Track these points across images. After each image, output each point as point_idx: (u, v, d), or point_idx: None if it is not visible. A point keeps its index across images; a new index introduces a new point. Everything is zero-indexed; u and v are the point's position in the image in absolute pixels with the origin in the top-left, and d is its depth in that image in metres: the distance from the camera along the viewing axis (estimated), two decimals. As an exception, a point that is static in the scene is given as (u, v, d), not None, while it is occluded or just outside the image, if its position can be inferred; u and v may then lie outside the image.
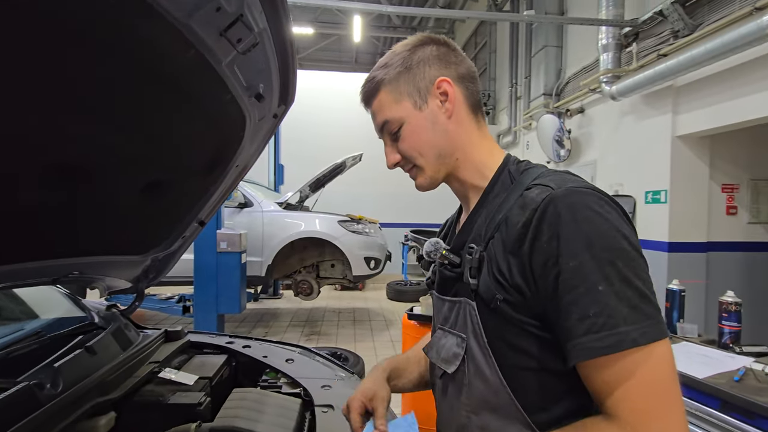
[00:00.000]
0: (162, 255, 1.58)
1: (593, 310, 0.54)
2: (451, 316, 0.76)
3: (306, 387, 1.36)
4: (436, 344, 0.81)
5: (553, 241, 0.58)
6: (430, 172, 0.77)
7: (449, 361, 0.74)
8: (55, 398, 0.93)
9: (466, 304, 0.70)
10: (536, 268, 0.60)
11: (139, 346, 1.36)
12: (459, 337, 0.73)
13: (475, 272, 0.68)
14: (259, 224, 4.77)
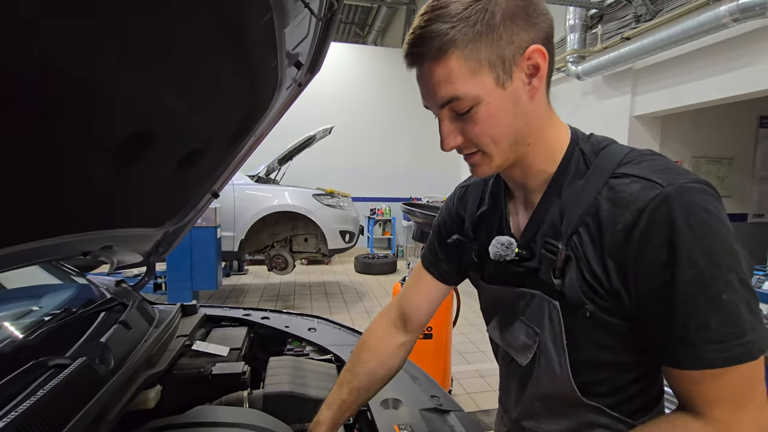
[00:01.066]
0: (173, 228, 1.53)
1: (715, 320, 0.51)
2: (520, 305, 0.72)
3: (336, 353, 1.41)
4: (500, 326, 0.80)
5: (665, 247, 0.53)
6: (498, 160, 0.64)
7: (519, 351, 0.74)
8: (114, 374, 0.91)
9: (543, 300, 0.66)
10: (641, 273, 0.55)
11: (165, 321, 1.33)
12: (531, 329, 0.70)
13: (559, 273, 0.62)
14: (230, 198, 4.60)
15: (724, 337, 0.51)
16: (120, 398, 0.89)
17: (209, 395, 1.14)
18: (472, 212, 0.82)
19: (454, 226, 0.87)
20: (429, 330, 2.60)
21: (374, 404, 1.09)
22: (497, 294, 0.79)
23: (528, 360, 0.72)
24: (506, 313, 0.78)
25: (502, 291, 0.77)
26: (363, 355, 0.92)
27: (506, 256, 0.68)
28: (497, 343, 0.83)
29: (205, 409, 0.99)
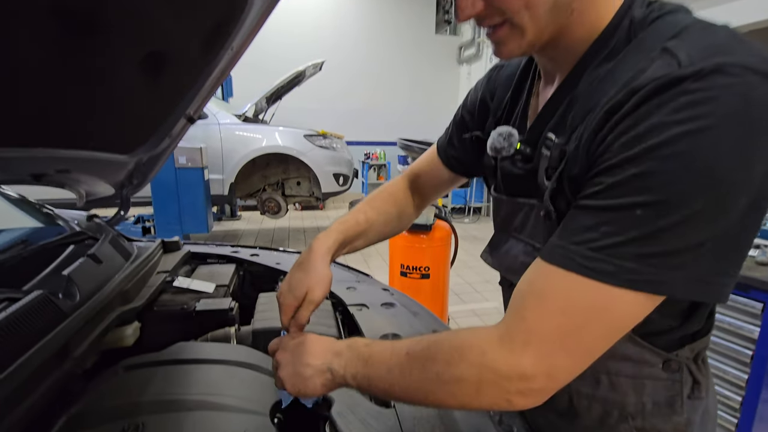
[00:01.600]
0: (147, 157, 1.37)
1: (609, 228, 0.43)
2: (517, 220, 0.66)
3: (331, 290, 1.32)
4: (497, 249, 0.73)
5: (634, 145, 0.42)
6: (531, 34, 0.51)
7: (519, 273, 0.62)
8: (79, 307, 0.81)
9: (542, 209, 0.57)
10: (599, 149, 0.46)
11: (142, 256, 1.22)
12: (529, 245, 0.63)
13: (551, 172, 0.53)
14: (217, 139, 4.36)
15: (600, 248, 0.43)
16: (88, 334, 0.80)
17: (194, 333, 1.06)
18: (500, 101, 0.70)
19: (478, 116, 0.76)
20: (426, 270, 2.55)
21: (372, 339, 1.01)
22: (496, 206, 0.72)
23: None
24: (501, 231, 0.72)
25: (499, 202, 0.70)
26: (383, 195, 0.87)
27: (502, 151, 0.61)
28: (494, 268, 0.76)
29: (187, 345, 0.91)
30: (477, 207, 7.18)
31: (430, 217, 2.57)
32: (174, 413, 0.68)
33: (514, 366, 0.45)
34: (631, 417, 0.58)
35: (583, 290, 0.43)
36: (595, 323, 0.44)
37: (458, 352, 0.48)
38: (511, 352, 0.45)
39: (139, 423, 0.65)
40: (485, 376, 0.46)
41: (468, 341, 0.49)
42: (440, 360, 0.49)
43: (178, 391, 0.74)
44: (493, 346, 0.46)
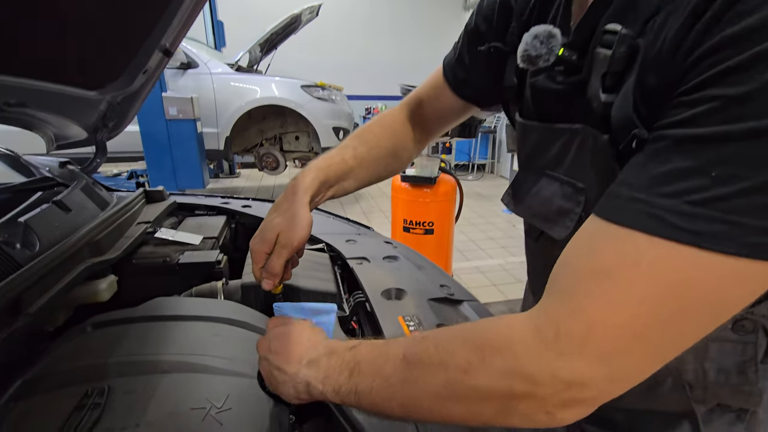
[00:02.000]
0: (121, 96, 1.22)
1: (727, 168, 0.28)
2: (551, 153, 0.52)
3: (328, 242, 1.22)
4: (523, 191, 0.60)
5: (726, 57, 0.29)
6: None
7: (552, 221, 0.53)
8: (35, 258, 0.70)
9: (588, 137, 0.45)
10: (700, 48, 0.32)
11: (119, 205, 1.10)
12: (568, 185, 0.51)
13: (613, 80, 0.39)
14: (209, 89, 4.12)
15: (700, 202, 0.29)
16: (48, 288, 0.69)
17: (177, 287, 0.97)
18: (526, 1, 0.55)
19: (497, 22, 0.60)
20: (431, 225, 2.45)
21: (374, 294, 0.92)
22: (523, 136, 0.58)
23: (568, 231, 0.51)
24: (529, 167, 0.58)
25: (528, 130, 0.55)
26: (375, 128, 0.73)
27: (539, 60, 0.45)
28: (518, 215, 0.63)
29: (166, 300, 0.81)
30: (481, 164, 6.99)
31: (435, 169, 2.43)
32: (146, 376, 0.59)
33: (560, 370, 0.33)
34: (689, 386, 0.48)
35: (681, 264, 0.29)
36: (692, 311, 0.31)
37: (478, 354, 0.36)
38: (559, 355, 0.33)
39: (104, 387, 0.57)
40: (517, 387, 0.34)
41: (492, 339, 0.36)
42: (453, 366, 0.36)
43: (152, 351, 0.65)
44: (530, 345, 0.34)
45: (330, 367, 0.44)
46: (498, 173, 6.94)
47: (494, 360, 0.35)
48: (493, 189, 6.02)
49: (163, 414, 0.53)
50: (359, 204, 5.11)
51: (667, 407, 0.50)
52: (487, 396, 0.35)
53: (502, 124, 6.30)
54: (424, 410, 0.38)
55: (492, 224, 4.33)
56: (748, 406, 0.47)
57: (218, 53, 5.39)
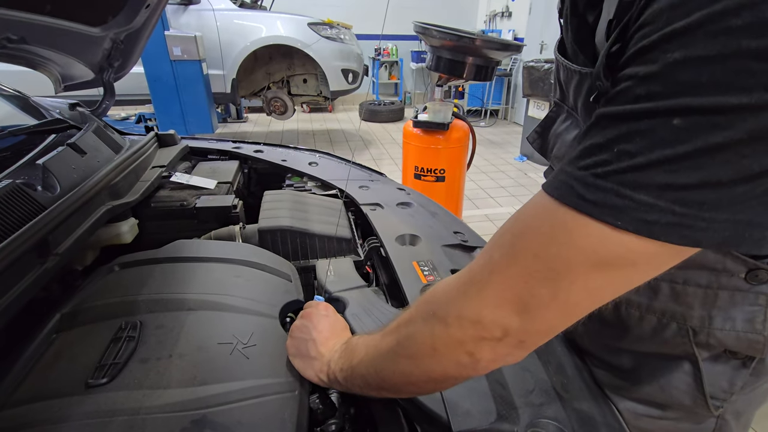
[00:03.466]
0: (124, 34, 1.17)
1: (627, 145, 0.28)
2: (570, 93, 0.50)
3: (341, 188, 1.22)
4: (548, 130, 0.59)
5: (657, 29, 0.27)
6: None
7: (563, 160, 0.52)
8: (57, 200, 0.72)
9: (595, 82, 0.42)
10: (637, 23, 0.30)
11: (133, 149, 1.10)
12: (582, 128, 0.49)
13: (613, 27, 0.37)
14: (213, 28, 3.92)
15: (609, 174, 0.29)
16: (72, 229, 0.71)
17: (195, 231, 0.99)
18: None
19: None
20: (442, 173, 2.42)
21: (388, 240, 0.93)
22: (556, 71, 0.55)
23: None
24: (558, 105, 0.57)
25: (557, 65, 0.54)
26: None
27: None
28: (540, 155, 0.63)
29: (187, 242, 0.83)
30: (494, 109, 6.75)
31: (448, 115, 2.35)
32: (174, 313, 0.62)
33: (465, 309, 0.36)
34: (693, 331, 0.49)
35: (573, 231, 0.31)
36: (580, 276, 0.32)
37: (419, 311, 0.41)
38: (465, 297, 0.37)
39: (137, 321, 0.60)
40: (437, 330, 0.38)
41: (431, 295, 0.41)
42: (401, 327, 0.43)
43: (178, 290, 0.67)
44: (451, 293, 0.38)
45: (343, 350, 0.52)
46: (511, 119, 6.72)
47: (424, 308, 0.40)
48: (505, 136, 5.87)
49: (192, 347, 0.56)
50: (369, 150, 5.05)
51: (670, 350, 0.51)
52: (417, 342, 0.41)
53: (519, 67, 5.99)
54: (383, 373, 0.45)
55: (502, 172, 4.27)
56: (754, 354, 0.49)
57: (220, -13, 5.07)
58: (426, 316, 0.40)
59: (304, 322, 0.59)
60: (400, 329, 0.43)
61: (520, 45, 2.31)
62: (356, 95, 6.45)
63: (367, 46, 6.89)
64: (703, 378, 0.50)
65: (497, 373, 0.56)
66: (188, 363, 0.53)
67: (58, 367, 0.52)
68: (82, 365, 0.51)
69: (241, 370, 0.53)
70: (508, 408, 0.50)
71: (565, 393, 0.53)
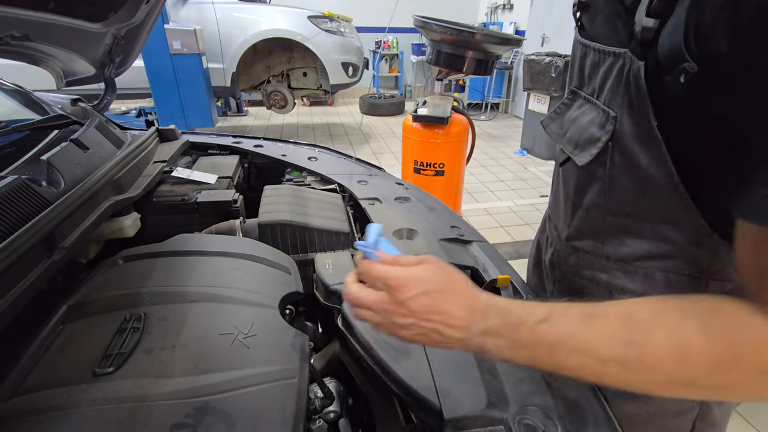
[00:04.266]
0: (125, 29, 1.18)
1: None
2: (596, 78, 0.51)
3: (341, 183, 1.24)
4: (562, 115, 0.60)
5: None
6: None
7: (580, 146, 0.53)
8: (62, 195, 0.73)
9: (627, 62, 0.44)
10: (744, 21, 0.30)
11: (134, 144, 1.11)
12: (605, 113, 0.49)
13: (660, 5, 0.37)
14: (212, 21, 3.92)
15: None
16: (77, 223, 0.73)
17: (196, 225, 1.00)
18: None
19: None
20: (441, 167, 2.43)
21: (386, 234, 0.95)
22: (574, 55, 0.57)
23: (590, 158, 0.52)
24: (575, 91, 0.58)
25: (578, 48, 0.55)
26: None
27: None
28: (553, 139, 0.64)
29: (189, 236, 0.85)
30: (495, 103, 6.74)
31: (448, 109, 2.36)
32: (177, 305, 0.64)
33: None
34: None
35: None
36: None
37: (730, 354, 0.35)
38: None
39: (141, 313, 0.62)
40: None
41: (735, 341, 0.35)
42: (700, 364, 0.35)
43: (180, 283, 0.69)
44: None
45: (520, 341, 0.39)
46: (512, 113, 6.70)
47: (749, 359, 0.34)
48: (505, 129, 5.86)
49: (195, 338, 0.58)
50: (369, 144, 5.05)
51: None
52: (747, 385, 0.36)
53: (519, 61, 5.97)
54: (651, 392, 0.38)
55: (502, 166, 4.28)
56: None
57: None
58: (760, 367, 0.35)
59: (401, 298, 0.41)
60: (697, 367, 0.35)
61: (521, 39, 2.31)
62: (356, 89, 6.43)
63: (367, 39, 6.86)
64: None
65: (489, 363, 0.58)
66: (191, 353, 0.55)
67: (65, 357, 0.54)
68: (88, 355, 0.53)
69: (242, 359, 0.55)
70: (499, 396, 0.52)
71: (553, 381, 0.55)
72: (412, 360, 0.58)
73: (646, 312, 0.37)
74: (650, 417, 0.56)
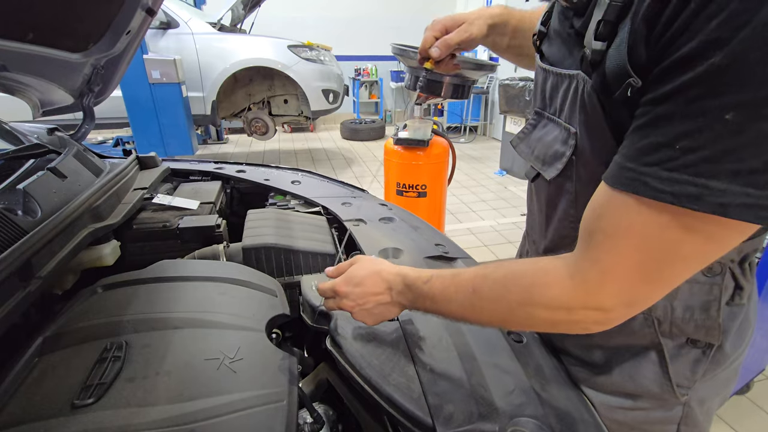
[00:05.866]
0: (105, 60, 1.19)
1: (690, 142, 0.33)
2: (557, 98, 0.55)
3: (325, 205, 1.24)
4: (529, 135, 0.64)
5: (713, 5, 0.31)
6: None
7: (547, 162, 0.57)
8: (38, 224, 0.72)
9: (581, 83, 0.48)
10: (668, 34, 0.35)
11: (114, 172, 1.10)
12: (566, 130, 0.53)
13: (605, 30, 0.42)
14: (192, 51, 3.96)
15: (679, 166, 0.34)
16: (54, 252, 0.71)
17: (179, 251, 0.99)
18: None
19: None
20: (423, 188, 2.47)
21: (371, 254, 0.95)
22: (536, 79, 0.62)
23: (557, 173, 0.56)
24: (539, 112, 0.62)
25: (539, 72, 0.60)
26: None
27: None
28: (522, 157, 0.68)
29: (171, 262, 0.84)
30: (473, 126, 6.93)
31: (428, 132, 2.42)
32: (160, 331, 0.63)
33: (590, 303, 0.43)
34: (658, 321, 0.53)
35: (661, 220, 0.36)
36: (677, 257, 0.38)
37: (528, 293, 0.47)
38: (587, 293, 0.43)
39: (122, 342, 0.60)
40: (559, 317, 0.45)
41: (538, 281, 0.46)
42: (511, 300, 0.48)
43: (163, 309, 0.68)
44: (566, 288, 0.44)
45: (414, 297, 0.57)
46: (490, 135, 6.90)
47: (541, 298, 0.45)
48: (485, 151, 6.01)
49: (179, 364, 0.57)
50: (351, 169, 5.09)
51: (638, 341, 0.55)
52: (539, 320, 0.47)
53: (495, 85, 6.20)
54: (483, 323, 0.53)
55: (483, 186, 4.36)
56: (712, 341, 0.53)
57: (199, 11, 5.14)
58: (549, 305, 0.45)
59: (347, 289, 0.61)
60: (509, 302, 0.48)
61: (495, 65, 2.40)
62: (337, 114, 6.53)
63: (347, 67, 7.02)
64: (668, 365, 0.54)
65: (479, 376, 0.58)
66: (175, 380, 0.54)
67: (42, 390, 0.52)
68: (67, 386, 0.51)
69: (229, 384, 0.54)
70: (489, 408, 0.52)
71: (543, 392, 0.55)
72: (402, 376, 0.57)
73: (489, 270, 0.51)
74: (637, 422, 0.57)
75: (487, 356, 0.62)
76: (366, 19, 7.28)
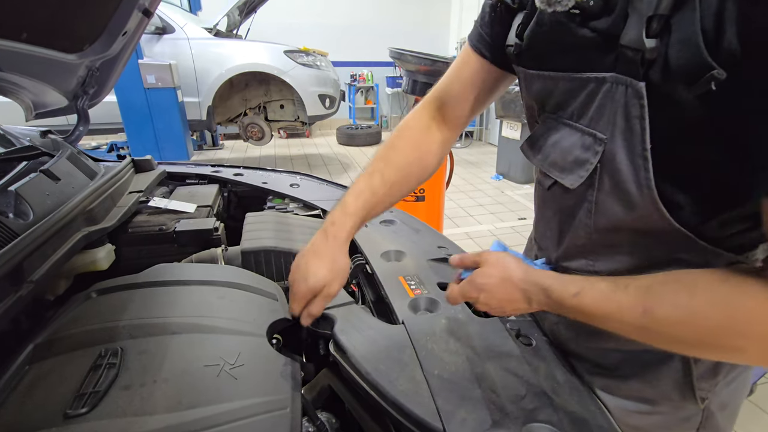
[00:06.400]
0: (100, 61, 1.17)
1: None
2: (573, 103, 0.52)
3: (324, 209, 1.22)
4: (541, 140, 0.60)
5: None
6: None
7: (568, 170, 0.54)
8: (30, 227, 0.69)
9: (619, 86, 0.45)
10: None
11: (108, 175, 1.08)
12: (591, 136, 0.50)
13: (659, 26, 0.39)
14: (188, 56, 3.94)
15: None
16: (47, 256, 0.69)
17: (175, 255, 0.97)
18: None
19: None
20: (421, 192, 2.46)
21: (373, 257, 0.93)
22: (542, 88, 0.56)
23: (581, 181, 0.52)
24: (549, 118, 0.57)
25: (549, 81, 0.54)
26: (399, 144, 0.73)
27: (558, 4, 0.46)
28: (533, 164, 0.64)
29: (168, 266, 0.81)
30: (469, 131, 6.96)
31: (425, 136, 2.41)
32: (157, 337, 0.60)
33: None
34: None
35: None
36: None
37: (730, 323, 0.39)
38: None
39: (117, 348, 0.58)
40: None
41: (737, 309, 0.39)
42: (703, 327, 0.41)
43: (160, 314, 0.65)
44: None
45: (562, 311, 0.51)
46: (486, 140, 6.92)
47: (748, 328, 0.39)
48: (481, 156, 6.03)
49: (178, 371, 0.54)
50: (348, 174, 5.08)
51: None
52: (747, 355, 0.41)
53: (490, 90, 6.22)
54: (661, 345, 0.46)
55: (480, 191, 4.36)
56: None
57: (194, 17, 5.13)
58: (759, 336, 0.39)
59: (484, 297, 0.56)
60: (702, 333, 0.42)
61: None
62: (333, 120, 6.53)
63: (343, 72, 7.04)
64: (692, 369, 0.52)
65: (489, 381, 0.56)
66: (174, 387, 0.51)
67: (33, 399, 0.49)
68: (59, 395, 0.49)
69: (230, 391, 0.51)
70: (502, 414, 0.50)
71: (555, 396, 0.53)
72: (409, 381, 0.55)
73: (660, 285, 0.44)
74: (654, 428, 0.55)
75: (497, 360, 0.60)
76: (362, 26, 7.31)
